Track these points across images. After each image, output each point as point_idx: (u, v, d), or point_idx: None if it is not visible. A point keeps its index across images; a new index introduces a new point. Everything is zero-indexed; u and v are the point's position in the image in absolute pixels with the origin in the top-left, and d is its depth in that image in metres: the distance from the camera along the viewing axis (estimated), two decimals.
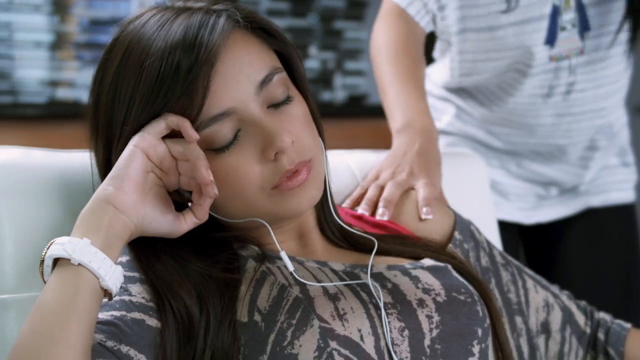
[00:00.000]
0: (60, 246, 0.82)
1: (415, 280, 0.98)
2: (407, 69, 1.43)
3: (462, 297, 0.98)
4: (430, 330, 0.94)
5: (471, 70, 1.58)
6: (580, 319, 1.17)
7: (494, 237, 1.43)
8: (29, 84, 3.00)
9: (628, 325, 1.18)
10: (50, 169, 1.08)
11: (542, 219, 1.72)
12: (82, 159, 1.12)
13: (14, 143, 1.12)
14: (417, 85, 1.42)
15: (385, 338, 0.91)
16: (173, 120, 0.88)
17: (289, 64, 0.99)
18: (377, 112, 3.37)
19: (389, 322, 0.92)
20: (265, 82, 0.92)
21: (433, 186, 1.20)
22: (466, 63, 1.58)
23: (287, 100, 0.94)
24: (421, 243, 1.07)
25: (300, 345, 0.88)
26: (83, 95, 3.05)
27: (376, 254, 1.01)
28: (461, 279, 1.02)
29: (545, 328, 1.15)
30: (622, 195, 1.73)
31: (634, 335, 1.16)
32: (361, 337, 0.90)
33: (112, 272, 0.83)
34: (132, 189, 0.86)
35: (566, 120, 1.59)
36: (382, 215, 1.14)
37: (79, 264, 0.81)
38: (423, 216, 1.14)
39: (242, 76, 0.91)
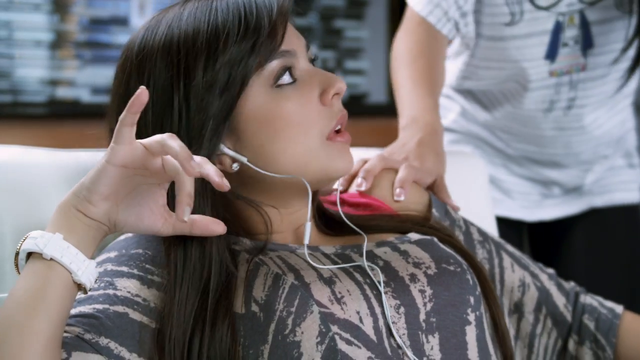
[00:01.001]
0: (33, 240, 0.82)
1: (405, 255, 1.00)
2: (420, 71, 1.46)
3: (451, 268, 0.99)
4: (425, 304, 0.95)
5: (471, 75, 1.60)
6: (560, 300, 1.16)
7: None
8: (29, 83, 3.00)
9: (619, 309, 1.16)
10: (50, 168, 1.08)
11: (544, 216, 1.72)
12: (82, 158, 1.12)
13: (14, 142, 1.12)
14: (428, 85, 1.44)
15: (385, 317, 0.92)
16: (125, 118, 0.82)
17: None
18: (377, 111, 3.38)
19: (384, 302, 0.93)
20: (308, 47, 0.99)
21: (415, 170, 1.19)
22: (469, 67, 1.59)
23: None
24: (406, 219, 1.09)
25: (302, 332, 0.88)
26: (83, 94, 3.04)
27: (363, 232, 1.02)
28: (448, 249, 1.03)
29: (519, 308, 1.15)
30: (627, 195, 1.73)
31: (627, 323, 1.15)
32: (360, 319, 0.91)
33: (85, 267, 0.83)
34: (102, 200, 0.84)
35: (567, 134, 1.60)
36: (359, 185, 1.14)
37: (51, 259, 0.81)
38: (395, 197, 1.14)
39: (295, 33, 0.98)
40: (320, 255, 0.98)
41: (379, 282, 0.94)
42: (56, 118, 2.78)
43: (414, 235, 1.05)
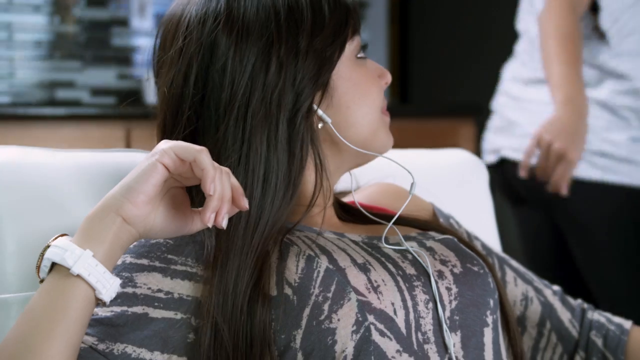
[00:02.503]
0: (62, 252, 0.81)
1: (432, 251, 1.00)
2: (571, 54, 1.74)
3: (475, 269, 1.00)
4: (450, 302, 0.95)
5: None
6: (564, 315, 1.14)
7: (494, 241, 1.42)
8: (28, 84, 3.00)
9: (628, 325, 1.15)
10: (50, 168, 1.08)
11: None
12: (82, 159, 1.12)
13: (14, 143, 1.12)
14: (579, 68, 1.74)
15: (415, 311, 0.92)
16: (205, 159, 0.83)
17: None
18: None
19: (415, 295, 0.93)
20: None
21: (574, 163, 1.65)
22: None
23: None
24: (422, 220, 1.09)
25: (339, 320, 0.87)
26: (83, 95, 3.04)
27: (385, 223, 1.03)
28: (470, 251, 1.03)
29: (521, 322, 1.14)
30: None
31: (635, 338, 1.13)
32: (394, 311, 0.90)
33: (110, 286, 0.82)
34: (145, 202, 0.83)
35: None
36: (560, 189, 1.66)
37: (77, 275, 0.81)
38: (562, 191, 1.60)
39: None
40: (348, 241, 0.97)
41: (427, 266, 0.96)
42: (55, 120, 2.78)
43: (435, 234, 1.05)
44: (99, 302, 0.84)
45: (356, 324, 0.87)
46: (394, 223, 1.03)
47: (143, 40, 3.17)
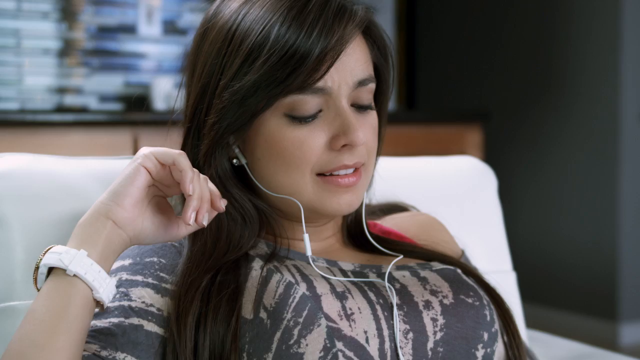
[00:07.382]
0: (57, 255, 0.83)
1: (424, 281, 0.99)
2: None
3: (469, 300, 0.98)
4: (434, 333, 0.94)
5: None
6: None
7: (503, 247, 1.42)
8: (37, 90, 3.01)
9: None
10: (60, 175, 1.08)
11: None
12: (90, 166, 1.12)
13: (22, 149, 1.12)
14: None
15: (392, 340, 0.92)
16: (183, 162, 0.86)
17: (380, 80, 1.02)
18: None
19: (393, 324, 0.93)
20: (362, 83, 0.96)
21: None
22: None
23: (369, 107, 0.98)
24: (432, 250, 1.07)
25: (307, 345, 0.88)
26: (91, 102, 3.05)
27: (388, 254, 1.02)
28: (471, 282, 1.01)
29: None
30: None
31: None
32: (366, 339, 0.90)
33: (106, 285, 0.84)
34: (132, 205, 0.86)
35: None
36: None
37: (74, 275, 0.82)
38: None
39: (349, 68, 0.95)
40: (337, 270, 0.98)
41: (394, 305, 0.94)
42: (64, 125, 2.78)
43: (436, 264, 1.03)
44: (98, 305, 0.85)
45: (324, 350, 0.88)
46: (400, 252, 1.02)
47: (151, 47, 3.17)
